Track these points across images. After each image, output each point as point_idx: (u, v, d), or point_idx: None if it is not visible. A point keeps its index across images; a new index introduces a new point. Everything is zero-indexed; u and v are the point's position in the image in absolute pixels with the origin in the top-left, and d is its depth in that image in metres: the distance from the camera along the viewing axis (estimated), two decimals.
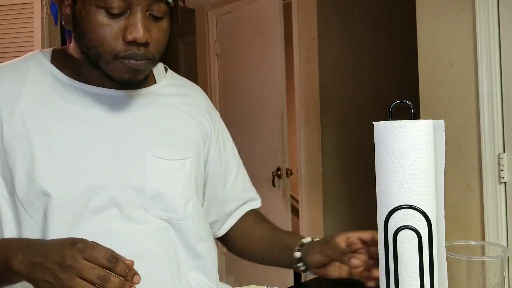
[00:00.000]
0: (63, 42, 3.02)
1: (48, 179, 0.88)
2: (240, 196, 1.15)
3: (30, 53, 1.00)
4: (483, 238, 1.81)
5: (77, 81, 0.95)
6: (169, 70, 1.11)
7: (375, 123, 0.72)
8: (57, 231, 0.87)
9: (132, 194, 0.93)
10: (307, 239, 1.03)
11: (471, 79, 1.85)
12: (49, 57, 0.98)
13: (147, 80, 1.01)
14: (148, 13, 0.89)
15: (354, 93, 3.07)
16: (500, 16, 1.78)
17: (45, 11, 2.83)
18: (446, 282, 0.74)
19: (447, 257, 0.74)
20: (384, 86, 3.12)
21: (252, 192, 1.18)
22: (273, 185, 3.01)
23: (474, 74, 1.84)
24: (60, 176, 0.88)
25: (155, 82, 1.04)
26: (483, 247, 0.87)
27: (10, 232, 0.89)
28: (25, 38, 2.80)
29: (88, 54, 0.90)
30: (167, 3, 0.91)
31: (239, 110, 3.29)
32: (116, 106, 0.96)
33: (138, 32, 0.86)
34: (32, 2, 2.80)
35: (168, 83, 1.07)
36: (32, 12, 2.80)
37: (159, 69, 1.08)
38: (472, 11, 1.83)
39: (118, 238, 0.90)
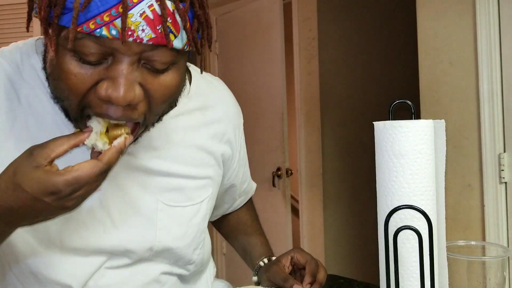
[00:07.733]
0: None
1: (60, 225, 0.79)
2: (246, 197, 1.17)
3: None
4: (483, 238, 1.80)
5: None
6: (194, 77, 0.90)
7: (375, 123, 0.72)
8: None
9: (139, 246, 0.83)
10: (262, 262, 1.01)
11: (472, 79, 1.85)
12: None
13: None
14: (142, 62, 0.64)
15: (354, 93, 3.06)
16: (500, 16, 1.78)
17: None
18: (447, 282, 0.74)
19: (447, 257, 0.74)
20: (384, 86, 3.11)
21: (252, 184, 1.17)
22: (273, 185, 3.01)
23: (475, 74, 1.84)
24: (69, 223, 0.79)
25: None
26: (483, 247, 0.87)
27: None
28: (24, 38, 2.80)
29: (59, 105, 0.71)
30: (175, 50, 0.64)
31: None
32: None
33: (117, 90, 0.62)
34: None
35: (190, 105, 0.88)
36: None
37: None
38: (472, 10, 1.83)
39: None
